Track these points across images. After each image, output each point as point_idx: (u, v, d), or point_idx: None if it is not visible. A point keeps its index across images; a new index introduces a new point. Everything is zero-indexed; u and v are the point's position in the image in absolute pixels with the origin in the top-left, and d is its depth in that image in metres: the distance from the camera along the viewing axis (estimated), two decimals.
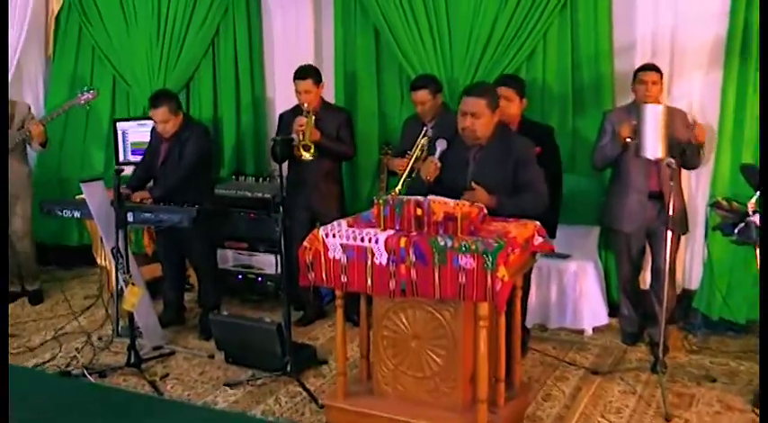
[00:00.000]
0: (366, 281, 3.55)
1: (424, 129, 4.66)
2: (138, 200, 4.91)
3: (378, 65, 5.88)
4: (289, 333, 4.43)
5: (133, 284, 4.59)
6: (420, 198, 3.56)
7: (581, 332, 5.12)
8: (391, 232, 3.53)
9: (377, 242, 3.50)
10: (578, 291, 5.10)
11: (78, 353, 4.95)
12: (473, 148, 4.01)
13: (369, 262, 3.53)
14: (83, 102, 5.65)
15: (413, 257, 3.43)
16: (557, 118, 5.31)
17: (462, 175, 3.99)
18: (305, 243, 3.67)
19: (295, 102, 5.72)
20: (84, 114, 6.66)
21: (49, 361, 4.84)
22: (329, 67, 5.89)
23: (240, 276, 5.87)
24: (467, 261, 3.34)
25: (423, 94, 4.91)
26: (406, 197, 3.59)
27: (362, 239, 3.54)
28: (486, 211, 3.66)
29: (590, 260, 5.19)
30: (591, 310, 5.13)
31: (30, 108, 5.88)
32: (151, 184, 5.20)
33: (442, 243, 3.38)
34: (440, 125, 4.75)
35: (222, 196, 5.80)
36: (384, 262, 3.49)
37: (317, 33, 6.07)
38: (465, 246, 3.34)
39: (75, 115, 6.61)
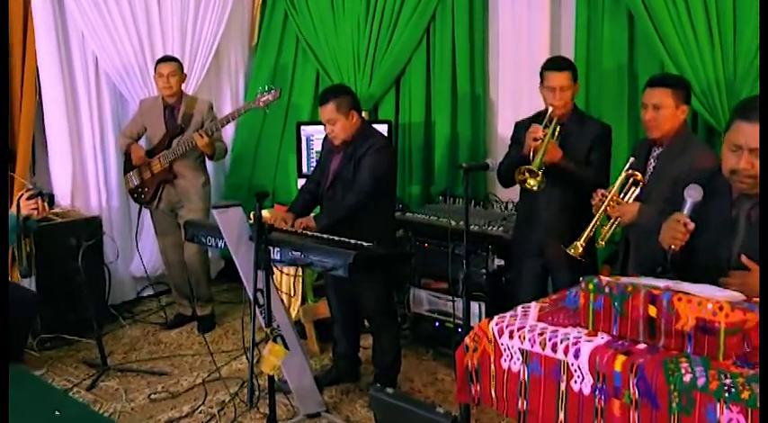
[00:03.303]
0: (556, 414, 2.24)
1: (631, 159, 3.42)
2: (299, 229, 3.94)
3: (630, 62, 4.48)
4: None
5: (278, 339, 3.58)
6: (657, 285, 2.17)
7: None
8: (603, 341, 2.20)
9: (577, 356, 2.18)
10: None
11: (222, 410, 4.07)
12: (746, 200, 2.51)
13: (563, 385, 2.22)
14: (262, 104, 4.89)
15: (635, 392, 2.07)
16: None
17: (726, 242, 2.52)
18: (467, 339, 2.41)
19: (526, 105, 4.65)
20: (281, 115, 5.95)
21: (185, 416, 4.03)
22: None
23: (437, 324, 4.76)
24: (732, 417, 1.90)
25: (660, 94, 3.40)
26: (631, 282, 2.20)
27: (554, 347, 2.23)
28: None
29: None
30: None
31: (211, 106, 5.20)
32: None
33: (689, 377, 1.99)
34: (674, 151, 3.39)
35: (419, 224, 4.81)
36: (587, 390, 2.17)
37: (553, 19, 4.85)
38: (731, 388, 1.91)
39: (273, 115, 5.87)
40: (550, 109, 3.77)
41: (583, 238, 3.35)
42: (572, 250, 3.36)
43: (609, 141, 3.92)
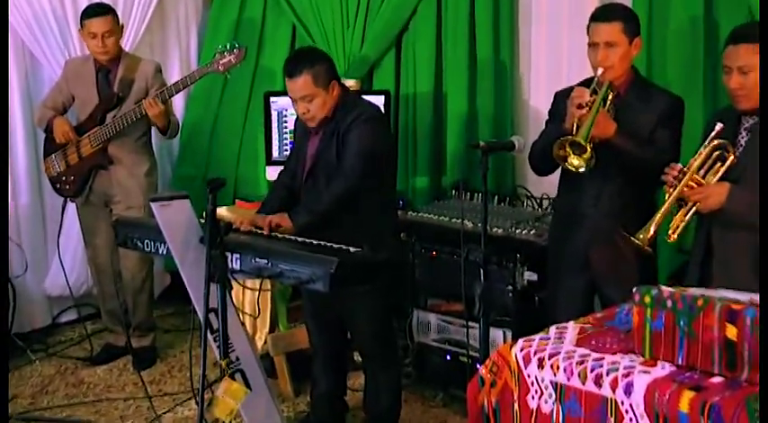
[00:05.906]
0: None
1: (719, 126, 3.43)
2: (270, 229, 3.95)
3: (708, 12, 4.56)
4: None
5: (236, 375, 3.69)
6: (738, 298, 2.19)
7: None
8: (664, 372, 2.31)
9: (629, 392, 2.26)
10: None
11: None
12: None
13: None
14: (222, 67, 4.96)
15: None
16: None
17: None
18: (483, 370, 2.44)
19: (566, 74, 4.92)
20: (247, 84, 6.07)
21: None
22: None
23: (448, 358, 4.85)
24: None
25: (747, 52, 3.43)
26: (702, 295, 2.22)
27: (598, 380, 2.32)
28: None
29: None
30: None
31: (159, 69, 5.31)
32: None
33: None
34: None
35: (426, 225, 4.93)
36: None
37: None
38: None
39: (236, 85, 5.99)
40: (599, 71, 3.81)
41: (654, 224, 3.39)
42: (641, 235, 3.40)
43: (680, 118, 3.98)
